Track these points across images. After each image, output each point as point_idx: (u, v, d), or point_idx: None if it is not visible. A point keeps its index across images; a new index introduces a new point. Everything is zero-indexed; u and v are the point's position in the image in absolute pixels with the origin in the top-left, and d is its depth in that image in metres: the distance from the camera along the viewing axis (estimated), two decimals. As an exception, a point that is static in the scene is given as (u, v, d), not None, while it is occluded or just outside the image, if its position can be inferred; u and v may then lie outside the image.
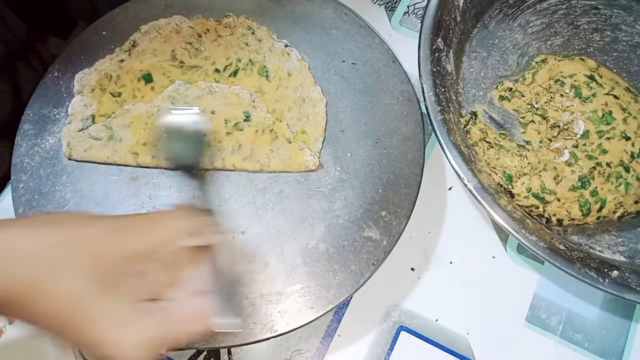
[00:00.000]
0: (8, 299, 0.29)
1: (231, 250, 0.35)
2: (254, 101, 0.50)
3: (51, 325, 0.29)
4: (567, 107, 0.50)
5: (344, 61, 0.53)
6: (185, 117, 0.43)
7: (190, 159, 0.43)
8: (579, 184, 0.46)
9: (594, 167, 0.47)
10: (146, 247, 0.32)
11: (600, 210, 0.46)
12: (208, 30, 0.54)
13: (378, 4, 0.60)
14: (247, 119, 0.50)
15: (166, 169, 0.49)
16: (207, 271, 0.34)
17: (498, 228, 0.51)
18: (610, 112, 0.48)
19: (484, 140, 0.49)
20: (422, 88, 0.47)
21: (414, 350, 0.46)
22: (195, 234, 0.34)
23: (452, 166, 0.44)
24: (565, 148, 0.48)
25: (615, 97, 0.49)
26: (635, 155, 0.47)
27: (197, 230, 0.34)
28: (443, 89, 0.48)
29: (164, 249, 0.32)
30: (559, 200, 0.46)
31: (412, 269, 0.49)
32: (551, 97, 0.51)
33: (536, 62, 0.53)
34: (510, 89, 0.52)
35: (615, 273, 0.41)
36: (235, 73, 0.52)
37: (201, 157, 0.44)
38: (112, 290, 0.30)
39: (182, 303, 0.32)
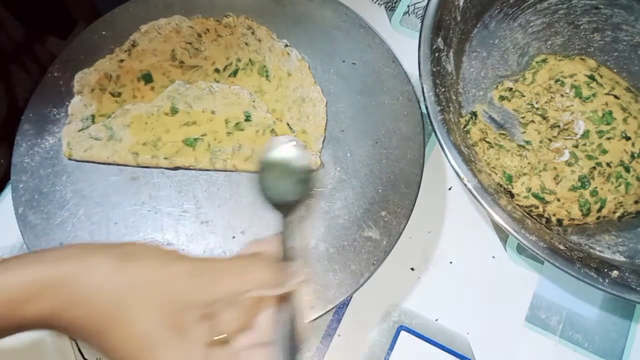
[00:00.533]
0: (83, 325, 0.29)
1: (304, 301, 0.34)
2: (254, 101, 0.50)
3: (116, 358, 0.29)
4: (567, 107, 0.50)
5: (344, 61, 0.53)
6: (291, 152, 0.41)
7: (291, 197, 0.41)
8: (579, 184, 0.46)
9: (594, 167, 0.47)
10: (225, 295, 0.31)
11: (600, 210, 0.46)
12: (208, 30, 0.54)
13: (378, 4, 0.60)
14: (248, 119, 0.50)
15: (166, 169, 0.49)
16: (276, 321, 0.33)
17: (498, 228, 0.51)
18: (611, 112, 0.48)
19: (484, 140, 0.49)
20: (422, 88, 0.47)
21: (414, 350, 0.46)
22: (275, 285, 0.33)
23: (452, 166, 0.44)
24: (565, 148, 0.48)
25: (616, 97, 0.49)
26: (635, 155, 0.47)
27: (277, 282, 0.33)
28: (443, 89, 0.48)
29: (242, 298, 0.32)
30: (558, 200, 0.46)
31: (412, 269, 0.49)
32: (551, 97, 0.51)
33: (536, 62, 0.53)
34: (511, 89, 0.52)
35: (615, 273, 0.41)
36: (235, 73, 0.52)
37: (301, 197, 0.42)
38: (182, 335, 0.29)
39: (250, 350, 0.32)
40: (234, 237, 0.46)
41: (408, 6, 0.60)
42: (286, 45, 0.53)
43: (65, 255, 0.30)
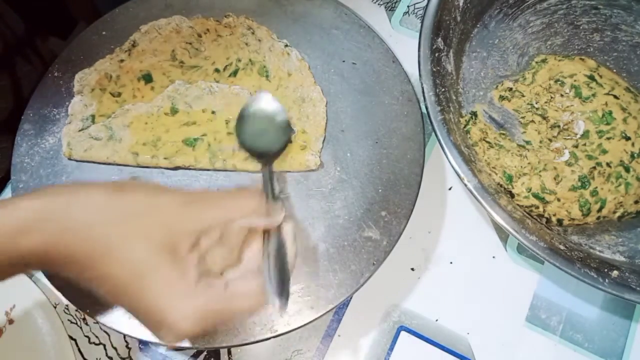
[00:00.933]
0: (77, 257, 0.29)
1: (288, 235, 0.35)
2: (254, 101, 0.50)
3: (111, 288, 0.30)
4: (567, 107, 0.50)
5: (344, 61, 0.53)
6: (272, 105, 0.43)
7: (271, 146, 0.43)
8: (579, 184, 0.46)
9: (594, 167, 0.47)
10: (215, 222, 0.32)
11: (600, 210, 0.46)
12: (208, 30, 0.54)
13: (378, 4, 0.60)
14: (247, 119, 0.50)
15: (166, 168, 0.49)
16: (264, 252, 0.34)
17: (498, 228, 0.51)
18: (610, 112, 0.48)
19: (484, 140, 0.49)
20: (422, 88, 0.47)
21: (414, 350, 0.46)
22: (261, 215, 0.34)
23: (452, 166, 0.44)
24: (565, 148, 0.48)
25: (615, 97, 0.49)
26: (635, 155, 0.47)
27: (263, 212, 0.34)
28: (443, 89, 0.48)
29: (230, 227, 0.33)
30: (559, 200, 0.46)
31: (412, 269, 0.49)
32: (551, 97, 0.51)
33: (536, 62, 0.53)
34: (510, 89, 0.52)
35: (615, 273, 0.41)
36: (235, 73, 0.52)
37: (281, 146, 0.44)
38: (176, 261, 0.30)
39: (240, 281, 0.33)
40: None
41: (408, 6, 0.60)
42: (286, 45, 0.53)
43: (58, 190, 0.31)
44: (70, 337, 0.46)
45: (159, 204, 0.32)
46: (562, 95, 0.50)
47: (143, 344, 0.46)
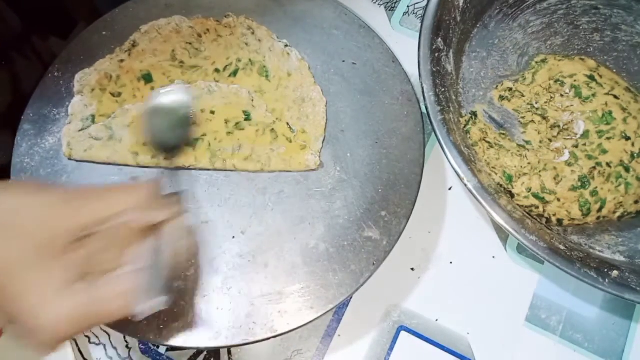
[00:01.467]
0: None
1: (177, 231, 0.34)
2: (252, 100, 0.50)
3: None
4: (567, 107, 0.50)
5: (344, 61, 0.53)
6: (166, 98, 0.43)
7: (167, 140, 0.43)
8: (579, 184, 0.46)
9: (594, 167, 0.47)
10: (91, 219, 0.31)
11: (600, 210, 0.46)
12: (208, 30, 0.54)
13: (378, 4, 0.60)
14: (248, 118, 0.50)
15: (166, 168, 0.49)
16: (148, 250, 0.33)
17: (498, 228, 0.51)
18: (610, 112, 0.48)
19: (484, 140, 0.49)
20: (422, 88, 0.47)
21: (414, 350, 0.46)
22: (144, 211, 0.33)
23: (452, 166, 0.44)
24: (565, 148, 0.48)
25: (615, 97, 0.49)
26: (635, 155, 0.47)
27: (147, 208, 0.33)
28: (443, 89, 0.48)
29: (109, 223, 0.31)
30: (559, 200, 0.46)
31: (412, 269, 0.49)
32: (551, 97, 0.51)
33: (536, 62, 0.53)
34: (510, 89, 0.52)
35: (615, 273, 0.41)
36: (235, 73, 0.52)
37: (178, 139, 0.43)
38: (50, 263, 0.29)
39: (113, 281, 0.31)
40: (233, 237, 0.46)
41: (408, 6, 0.61)
42: (286, 46, 0.53)
43: None
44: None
45: (36, 202, 0.30)
46: (562, 95, 0.50)
47: (143, 344, 0.46)
